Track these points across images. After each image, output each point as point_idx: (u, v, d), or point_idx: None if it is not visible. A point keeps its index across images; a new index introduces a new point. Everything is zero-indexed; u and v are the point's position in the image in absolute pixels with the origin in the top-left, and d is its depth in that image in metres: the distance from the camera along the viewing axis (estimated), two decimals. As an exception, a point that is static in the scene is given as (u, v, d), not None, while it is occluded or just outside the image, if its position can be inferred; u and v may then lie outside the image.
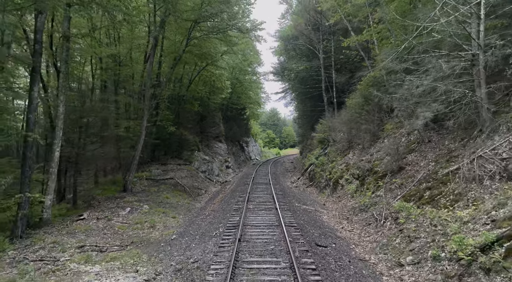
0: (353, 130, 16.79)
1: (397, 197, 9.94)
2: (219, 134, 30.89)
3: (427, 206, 8.28)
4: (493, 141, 8.32)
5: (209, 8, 14.80)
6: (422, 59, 10.51)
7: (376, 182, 11.95)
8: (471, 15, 9.42)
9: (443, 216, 7.26)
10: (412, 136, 12.59)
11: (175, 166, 19.89)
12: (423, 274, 6.30)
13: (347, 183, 14.32)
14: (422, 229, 7.54)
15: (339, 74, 22.08)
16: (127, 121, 15.30)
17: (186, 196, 15.28)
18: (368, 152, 14.60)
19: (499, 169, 7.29)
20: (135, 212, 11.71)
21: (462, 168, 8.19)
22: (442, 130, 11.35)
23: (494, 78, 9.13)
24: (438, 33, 9.97)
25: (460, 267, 5.76)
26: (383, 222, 9.37)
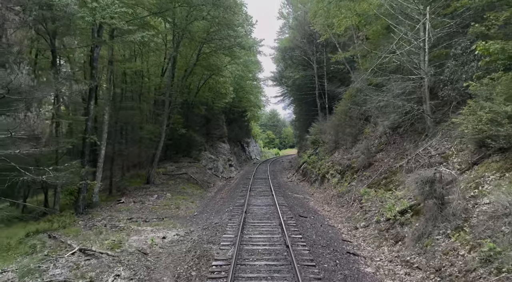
0: (339, 133, 20.08)
1: (364, 185, 13.25)
2: (222, 136, 34.20)
3: (380, 189, 11.59)
4: (428, 142, 11.64)
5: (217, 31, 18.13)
6: (385, 80, 13.87)
7: (352, 175, 15.26)
8: (420, 48, 12.76)
9: (387, 196, 10.56)
10: (382, 138, 15.88)
11: (186, 163, 23.21)
12: (368, 232, 9.61)
13: (331, 177, 17.63)
14: (374, 205, 10.86)
15: (330, 83, 25.39)
16: (150, 125, 18.61)
17: (198, 187, 18.62)
18: (350, 151, 17.90)
19: (426, 163, 10.60)
20: (161, 198, 15.03)
21: (406, 163, 11.51)
22: (403, 134, 14.65)
23: (432, 97, 12.44)
24: (397, 60, 13.35)
25: (388, 224, 9.08)
26: (352, 203, 12.69)
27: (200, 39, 18.77)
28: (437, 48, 12.71)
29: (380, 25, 14.60)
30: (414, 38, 12.93)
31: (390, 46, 13.07)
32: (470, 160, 8.83)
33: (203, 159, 25.67)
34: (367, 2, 13.76)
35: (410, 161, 11.53)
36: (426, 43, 12.37)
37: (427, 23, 12.37)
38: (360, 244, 8.87)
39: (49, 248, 8.00)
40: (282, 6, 40.52)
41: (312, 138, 24.01)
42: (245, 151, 44.01)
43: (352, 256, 7.76)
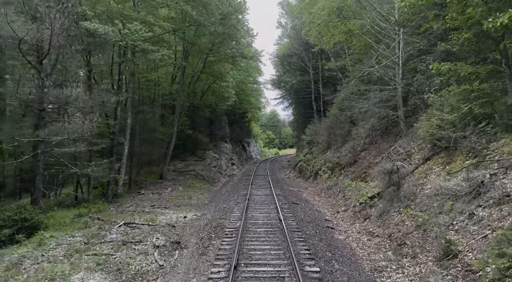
0: (331, 135, 22.63)
1: (348, 179, 15.80)
2: (225, 136, 36.76)
3: (360, 181, 14.14)
4: (399, 142, 14.21)
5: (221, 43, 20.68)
6: (367, 89, 16.46)
7: (340, 171, 17.82)
8: (395, 63, 15.31)
9: (363, 186, 13.12)
10: (366, 139, 18.43)
11: (192, 161, 25.78)
12: (346, 214, 12.17)
13: (323, 173, 20.18)
14: (353, 194, 13.42)
15: (325, 88, 27.95)
16: (161, 127, 21.18)
17: (205, 182, 21.19)
18: (339, 150, 20.44)
19: (395, 159, 13.14)
20: (174, 190, 17.59)
21: (380, 159, 14.06)
22: (383, 135, 17.21)
23: (405, 104, 14.99)
24: (376, 72, 15.92)
25: (361, 207, 11.65)
26: (337, 194, 15.26)
27: (206, 51, 21.33)
28: (409, 63, 15.28)
29: (364, 41, 17.14)
30: (390, 54, 15.52)
31: (370, 61, 15.66)
32: (425, 156, 11.41)
33: (207, 158, 28.23)
34: (351, 23, 16.29)
35: (384, 158, 14.09)
36: (400, 59, 14.96)
37: (401, 42, 14.97)
38: (338, 223, 11.44)
39: (98, 224, 10.56)
40: (281, 16, 43.37)
41: (307, 139, 26.58)
42: (246, 150, 46.56)
43: (330, 229, 10.32)
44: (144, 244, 8.36)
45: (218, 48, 21.16)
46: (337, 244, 8.81)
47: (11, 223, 9.47)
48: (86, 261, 7.29)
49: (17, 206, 10.21)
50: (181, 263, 7.27)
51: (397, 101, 15.13)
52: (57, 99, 10.90)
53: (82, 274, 6.65)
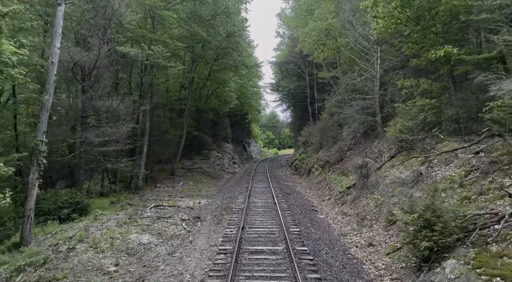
0: (323, 136, 25.68)
1: (335, 174, 18.86)
2: (227, 137, 39.81)
3: (342, 176, 17.19)
4: (374, 143, 17.27)
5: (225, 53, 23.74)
6: (351, 97, 19.53)
7: (329, 168, 20.88)
8: (374, 76, 18.37)
9: (345, 179, 16.16)
10: (352, 140, 21.48)
11: (198, 160, 28.83)
12: (329, 202, 15.23)
13: (315, 170, 23.23)
14: (336, 185, 16.47)
15: (319, 93, 31.03)
16: (173, 130, 24.26)
17: (211, 178, 24.26)
18: (330, 150, 23.49)
19: (370, 157, 16.20)
20: (185, 184, 20.65)
21: (363, 158, 17.11)
22: (366, 137, 20.25)
23: (382, 111, 18.04)
24: (359, 84, 19.00)
25: (340, 195, 14.71)
26: (325, 186, 18.31)
27: (211, 61, 24.40)
28: (385, 76, 18.35)
29: (349, 56, 20.20)
30: (370, 68, 18.59)
31: (353, 74, 18.74)
32: (391, 154, 14.48)
33: (211, 157, 31.28)
34: (338, 41, 19.35)
35: (362, 156, 17.14)
36: (377, 73, 18.03)
37: (378, 59, 18.04)
38: (322, 207, 14.51)
39: (131, 207, 13.61)
40: (279, 26, 46.59)
41: (302, 140, 29.65)
42: (246, 150, 49.62)
43: (314, 211, 13.38)
44: (173, 219, 11.43)
45: (222, 59, 24.23)
46: (317, 220, 11.88)
47: (67, 205, 12.52)
48: (134, 228, 10.34)
49: (70, 192, 13.27)
50: (203, 229, 10.34)
51: (375, 108, 18.20)
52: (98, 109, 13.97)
53: (135, 235, 9.70)
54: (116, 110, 13.59)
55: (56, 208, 12.26)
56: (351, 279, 6.72)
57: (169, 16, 16.51)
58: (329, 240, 9.40)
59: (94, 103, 13.60)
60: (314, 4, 22.42)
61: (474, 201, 8.22)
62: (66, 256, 8.24)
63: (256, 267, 6.82)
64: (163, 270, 7.13)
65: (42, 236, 10.32)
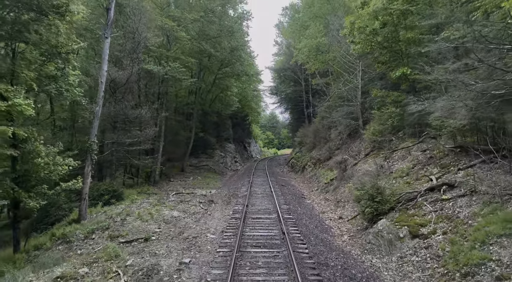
0: (316, 137, 29.25)
1: (323, 170, 22.43)
2: (229, 137, 43.35)
3: (329, 171, 20.77)
4: (355, 143, 20.85)
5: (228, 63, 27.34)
6: (338, 104, 23.13)
7: (320, 165, 24.45)
8: (356, 87, 21.97)
9: (330, 173, 19.73)
10: (340, 141, 25.04)
11: (204, 158, 32.41)
12: (317, 191, 18.81)
13: (308, 167, 26.81)
14: (323, 178, 20.05)
15: (314, 97, 34.60)
16: (184, 132, 27.85)
17: (217, 174, 27.85)
18: (321, 150, 27.05)
19: (351, 155, 19.77)
20: (195, 179, 24.23)
21: (343, 155, 20.71)
22: (351, 138, 23.82)
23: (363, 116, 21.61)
24: (344, 93, 22.61)
25: (325, 186, 18.29)
26: (315, 180, 21.89)
27: (216, 70, 28.00)
28: (366, 86, 21.92)
29: (336, 69, 23.80)
30: (354, 79, 22.19)
31: (339, 85, 22.34)
32: (366, 153, 18.07)
33: (215, 156, 34.85)
34: (327, 56, 22.94)
35: (345, 154, 20.73)
36: (359, 84, 21.62)
37: (360, 71, 21.62)
38: (310, 196, 18.09)
39: (156, 195, 17.18)
40: (277, 35, 50.47)
41: (298, 140, 33.24)
42: (247, 150, 53.17)
43: (303, 198, 16.96)
44: (192, 202, 15.02)
45: (226, 68, 27.82)
46: (304, 203, 15.47)
47: (107, 193, 16.07)
48: (164, 208, 13.92)
49: (108, 183, 16.84)
50: (216, 208, 13.94)
51: (357, 114, 21.80)
52: (128, 115, 17.55)
53: (167, 212, 13.27)
54: (143, 117, 17.17)
55: (98, 194, 15.81)
56: (320, 234, 10.30)
57: (183, 37, 20.09)
58: (310, 215, 12.99)
59: (126, 111, 17.18)
60: (307, 21, 26.05)
61: (411, 184, 11.82)
62: (122, 224, 11.80)
63: (256, 225, 10.40)
64: (194, 228, 10.70)
65: (93, 214, 13.90)
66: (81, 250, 9.42)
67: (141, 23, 17.33)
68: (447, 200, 9.52)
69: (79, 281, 6.70)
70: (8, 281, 7.00)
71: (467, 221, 8.23)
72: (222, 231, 10.19)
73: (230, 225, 10.60)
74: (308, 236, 9.55)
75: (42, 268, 7.99)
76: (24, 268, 8.38)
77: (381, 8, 15.33)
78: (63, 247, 10.48)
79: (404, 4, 14.89)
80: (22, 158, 10.91)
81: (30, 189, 10.89)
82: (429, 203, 9.79)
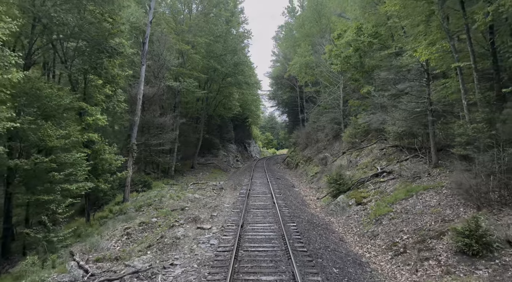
0: (308, 138, 34.35)
1: (312, 165, 27.53)
2: (231, 138, 48.46)
3: (315, 166, 25.86)
4: (336, 143, 25.99)
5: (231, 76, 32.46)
6: (325, 111, 28.30)
7: (309, 162, 29.57)
8: (339, 97, 27.15)
9: (316, 168, 24.82)
10: (327, 142, 30.15)
11: (209, 157, 37.51)
12: (304, 182, 23.92)
13: (301, 164, 31.93)
14: (310, 172, 25.15)
15: (307, 103, 39.73)
16: (193, 134, 32.98)
17: (222, 171, 32.97)
18: (312, 149, 32.16)
19: (332, 153, 24.87)
20: (204, 174, 29.34)
21: (325, 153, 25.83)
22: (336, 139, 28.94)
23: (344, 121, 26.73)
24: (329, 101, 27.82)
25: (310, 178, 23.40)
26: (305, 174, 27.01)
27: (220, 81, 33.13)
28: (347, 96, 27.09)
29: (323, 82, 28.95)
30: (337, 90, 27.35)
31: (324, 95, 27.52)
32: (344, 151, 23.23)
33: (219, 155, 39.95)
34: (315, 70, 28.09)
35: (327, 153, 25.86)
36: (341, 94, 26.78)
37: (341, 84, 26.78)
38: (299, 185, 23.22)
39: (177, 185, 22.28)
40: (274, 47, 55.72)
41: (293, 141, 38.39)
42: (247, 150, 58.28)
43: (293, 187, 22.08)
44: (207, 189, 20.12)
45: (229, 78, 32.97)
46: (293, 190, 20.59)
47: (139, 182, 21.19)
48: (187, 192, 19.00)
49: (140, 175, 21.90)
50: (226, 192, 19.06)
51: (340, 119, 26.95)
52: (153, 122, 22.64)
53: (190, 195, 18.36)
54: (166, 123, 22.28)
55: (133, 184, 20.92)
56: (300, 206, 15.39)
57: (195, 57, 25.20)
58: (296, 196, 18.11)
59: (153, 119, 22.29)
60: (300, 38, 31.22)
61: (366, 172, 16.96)
62: (160, 202, 16.87)
63: (256, 200, 15.51)
64: (213, 203, 15.79)
65: (133, 197, 18.96)
66: (139, 216, 14.49)
67: (164, 48, 22.44)
68: (383, 181, 14.66)
69: (154, 224, 11.73)
70: (109, 226, 12.09)
71: (390, 193, 13.36)
72: (233, 203, 15.30)
73: (238, 200, 15.72)
74: (291, 206, 14.64)
75: (121, 222, 13.07)
76: (107, 223, 13.48)
77: (352, 39, 20.48)
78: (123, 216, 15.54)
79: (369, 37, 20.03)
80: (92, 155, 15.96)
81: (98, 177, 15.97)
82: (372, 183, 14.95)
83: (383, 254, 9.16)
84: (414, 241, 8.91)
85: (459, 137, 11.36)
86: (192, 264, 7.76)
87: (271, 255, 8.24)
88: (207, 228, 10.80)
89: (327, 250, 9.06)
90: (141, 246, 9.57)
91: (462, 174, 10.21)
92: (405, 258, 8.46)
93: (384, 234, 10.24)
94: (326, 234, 11.05)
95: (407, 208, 11.09)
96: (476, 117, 10.99)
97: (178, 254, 8.45)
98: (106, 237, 11.09)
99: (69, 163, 12.36)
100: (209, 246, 9.14)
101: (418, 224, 9.69)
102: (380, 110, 17.61)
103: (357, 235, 11.29)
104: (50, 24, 11.86)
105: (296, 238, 9.64)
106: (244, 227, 10.77)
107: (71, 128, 12.50)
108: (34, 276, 8.20)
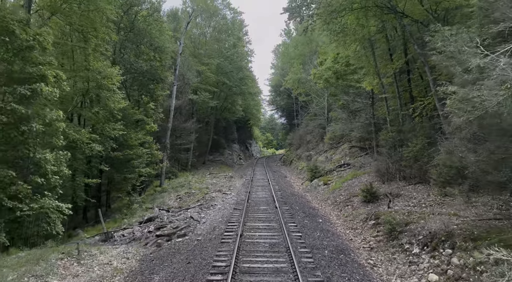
0: (301, 140, 42.26)
1: (302, 162, 35.42)
2: (234, 139, 56.40)
3: (304, 162, 33.76)
4: (321, 144, 33.94)
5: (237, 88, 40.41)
6: (313, 118, 36.30)
7: (300, 159, 37.47)
8: (324, 107, 35.17)
9: (303, 163, 32.71)
10: (316, 143, 38.01)
11: (217, 155, 45.47)
12: (294, 174, 31.87)
13: (294, 161, 39.84)
14: (300, 167, 33.08)
15: (302, 109, 47.70)
16: (204, 135, 40.97)
17: (228, 167, 40.94)
18: (304, 149, 40.06)
19: (316, 152, 32.77)
20: (215, 168, 37.31)
21: (311, 152, 33.74)
22: (321, 141, 36.85)
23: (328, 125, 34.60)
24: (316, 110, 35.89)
25: (299, 171, 31.35)
26: (298, 170, 34.94)
27: (226, 91, 41.12)
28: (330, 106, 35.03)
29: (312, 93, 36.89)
30: (323, 101, 35.35)
31: (313, 105, 35.55)
32: (326, 150, 31.22)
33: (225, 154, 47.90)
34: (306, 85, 36.07)
35: (312, 152, 33.79)
36: (326, 105, 34.76)
37: (326, 96, 34.76)
38: (291, 176, 31.18)
39: (196, 175, 30.26)
40: (273, 59, 63.92)
41: (289, 142, 46.38)
42: (248, 149, 66.25)
43: (285, 178, 30.04)
44: (220, 178, 28.09)
45: (234, 89, 40.97)
46: (285, 179, 28.55)
47: (169, 172, 29.19)
48: (206, 179, 26.94)
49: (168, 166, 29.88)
50: (235, 180, 27.02)
51: (324, 124, 34.93)
52: (179, 127, 30.60)
53: (209, 180, 26.31)
54: (187, 128, 30.26)
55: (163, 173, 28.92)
56: (288, 188, 23.33)
57: (210, 75, 33.15)
58: (286, 182, 26.09)
59: (179, 125, 30.25)
60: (294, 57, 39.21)
61: (335, 164, 24.93)
62: (189, 185, 24.80)
63: (258, 183, 23.45)
64: (227, 185, 23.70)
65: (166, 183, 26.93)
66: (180, 191, 22.39)
67: (187, 70, 30.44)
68: (343, 170, 22.63)
69: (194, 193, 19.63)
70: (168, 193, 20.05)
71: (344, 176, 21.29)
72: (242, 184, 23.29)
73: (245, 183, 23.70)
74: (281, 187, 22.55)
75: (171, 194, 21.02)
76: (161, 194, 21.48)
77: (330, 66, 28.43)
78: (165, 193, 23.49)
79: (342, 66, 27.95)
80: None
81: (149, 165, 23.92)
82: (336, 172, 22.92)
83: (328, 206, 17.13)
84: (344, 199, 16.86)
85: (383, 141, 19.31)
86: (225, 205, 15.72)
87: (266, 202, 16.22)
88: (228, 193, 18.77)
89: (298, 204, 16.98)
90: (192, 201, 17.52)
91: (380, 163, 18.18)
92: (337, 206, 16.42)
93: (332, 198, 18.20)
94: (300, 199, 19.01)
95: (349, 184, 19.04)
96: (392, 129, 18.96)
97: (216, 202, 16.42)
98: (167, 199, 19.05)
99: (139, 155, 20.33)
100: (232, 199, 17.10)
101: (350, 191, 17.63)
102: (345, 121, 25.61)
103: (319, 200, 19.26)
104: (130, 68, 19.85)
105: (281, 200, 17.55)
106: (250, 194, 18.74)
107: (140, 133, 20.47)
108: (139, 213, 16.21)
